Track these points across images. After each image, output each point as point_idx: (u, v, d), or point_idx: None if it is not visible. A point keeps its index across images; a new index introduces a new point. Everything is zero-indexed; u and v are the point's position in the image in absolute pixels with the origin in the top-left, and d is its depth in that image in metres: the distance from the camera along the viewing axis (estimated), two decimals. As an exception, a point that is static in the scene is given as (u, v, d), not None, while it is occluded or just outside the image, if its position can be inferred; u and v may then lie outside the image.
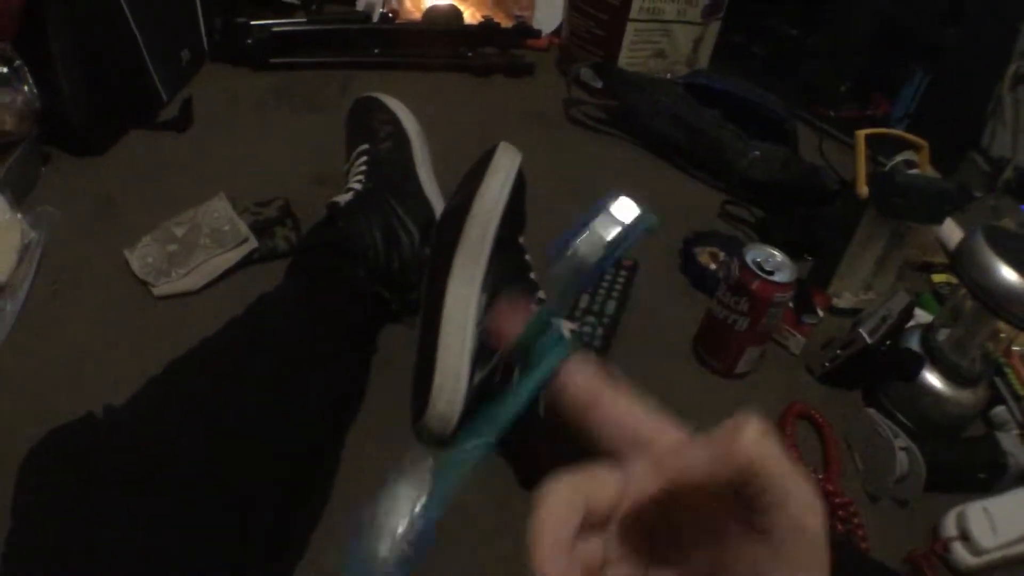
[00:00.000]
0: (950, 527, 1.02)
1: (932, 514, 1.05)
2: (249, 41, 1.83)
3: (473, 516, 0.96)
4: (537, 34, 2.10)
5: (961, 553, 1.00)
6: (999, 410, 1.21)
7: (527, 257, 1.13)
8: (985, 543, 0.98)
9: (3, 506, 0.71)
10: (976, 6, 1.84)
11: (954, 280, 1.35)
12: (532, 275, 1.11)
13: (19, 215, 1.21)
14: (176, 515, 0.71)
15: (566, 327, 1.05)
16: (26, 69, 1.30)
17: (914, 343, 1.20)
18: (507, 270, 1.06)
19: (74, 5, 1.36)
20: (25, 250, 1.19)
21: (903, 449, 1.06)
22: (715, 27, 2.06)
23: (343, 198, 1.20)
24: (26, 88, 1.30)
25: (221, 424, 0.79)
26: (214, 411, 0.81)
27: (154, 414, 0.81)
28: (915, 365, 1.16)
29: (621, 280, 1.29)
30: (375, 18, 2.03)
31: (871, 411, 1.15)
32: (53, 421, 0.78)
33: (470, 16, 2.09)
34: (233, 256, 1.24)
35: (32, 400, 1.01)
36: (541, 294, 1.09)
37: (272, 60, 1.85)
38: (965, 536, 1.00)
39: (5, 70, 1.28)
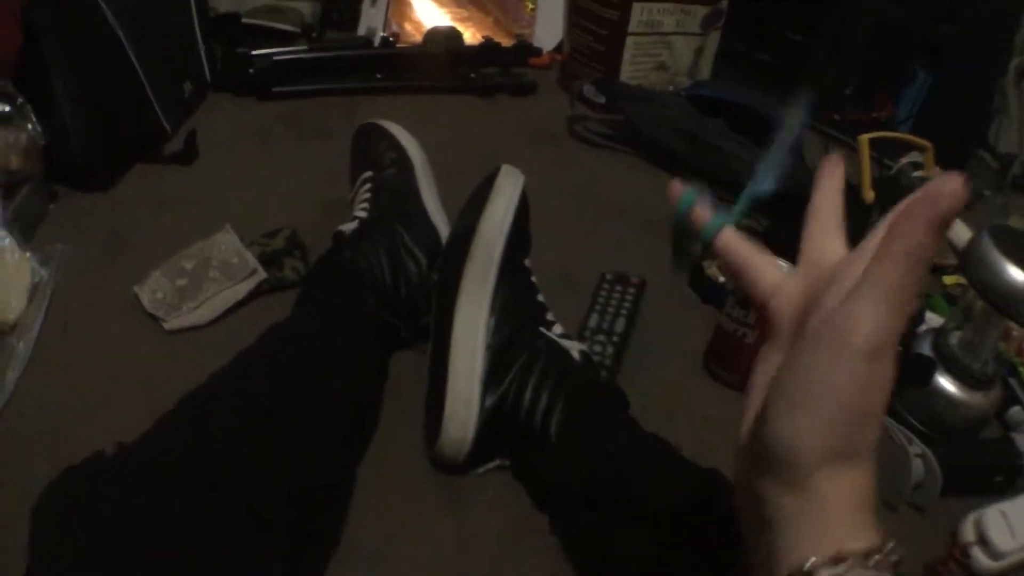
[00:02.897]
0: (968, 532, 1.00)
1: (950, 519, 1.04)
2: (251, 71, 1.84)
3: (492, 540, 0.96)
4: (538, 52, 2.11)
5: (980, 558, 0.98)
6: (1014, 411, 1.20)
7: (533, 279, 1.13)
8: (1003, 546, 0.97)
9: (18, 546, 0.71)
10: (973, 2, 1.84)
11: (964, 282, 1.34)
12: (539, 297, 1.11)
13: (28, 254, 1.21)
14: (189, 552, 0.71)
15: (575, 348, 1.05)
16: (29, 107, 1.30)
17: (926, 347, 1.19)
18: (514, 292, 1.06)
19: (74, 41, 1.37)
20: (35, 288, 1.19)
21: (918, 455, 1.05)
22: (715, 37, 2.06)
23: (349, 227, 1.20)
24: (30, 126, 1.30)
25: (233, 460, 0.79)
26: (226, 447, 0.80)
27: (166, 451, 0.80)
28: (927, 369, 1.15)
29: (630, 297, 1.29)
30: (376, 43, 2.04)
31: (885, 418, 1.14)
32: (67, 458, 0.78)
33: (471, 37, 2.10)
34: (243, 288, 1.24)
35: (45, 438, 1.01)
36: (550, 315, 1.09)
37: (275, 89, 1.86)
38: (983, 540, 0.99)
39: (8, 108, 1.29)
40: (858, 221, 1.29)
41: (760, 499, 0.54)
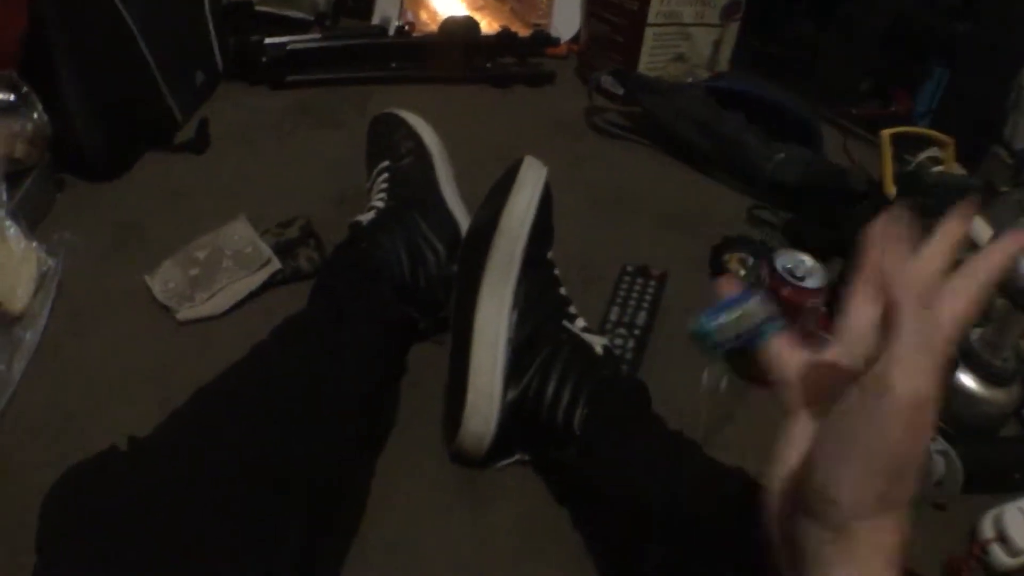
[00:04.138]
0: (987, 529, 1.00)
1: (970, 516, 1.03)
2: (264, 60, 1.83)
3: (512, 534, 0.95)
4: (556, 42, 2.10)
5: (999, 554, 0.98)
6: (1032, 408, 1.19)
7: (556, 272, 1.12)
8: (1022, 543, 0.97)
9: (26, 542, 0.70)
10: (991, -1, 1.83)
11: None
12: (562, 290, 1.10)
13: (35, 243, 1.20)
14: (203, 548, 0.71)
15: (598, 342, 1.04)
16: (35, 95, 1.30)
17: (947, 344, 1.18)
18: (536, 286, 1.06)
19: (80, 29, 1.36)
20: (42, 278, 1.19)
21: (940, 453, 1.05)
22: (734, 29, 2.05)
23: (365, 217, 1.19)
24: (36, 115, 1.30)
25: (249, 455, 0.79)
26: (241, 442, 0.80)
27: (180, 446, 0.80)
28: (949, 366, 1.15)
29: (651, 290, 1.28)
30: (391, 32, 2.03)
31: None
32: (74, 451, 0.77)
33: (487, 26, 2.09)
34: (257, 278, 1.23)
35: (52, 429, 1.00)
36: (572, 309, 1.08)
37: (288, 78, 1.85)
38: (1003, 537, 0.99)
39: (12, 97, 1.28)
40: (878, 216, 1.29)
41: (798, 543, 0.56)
